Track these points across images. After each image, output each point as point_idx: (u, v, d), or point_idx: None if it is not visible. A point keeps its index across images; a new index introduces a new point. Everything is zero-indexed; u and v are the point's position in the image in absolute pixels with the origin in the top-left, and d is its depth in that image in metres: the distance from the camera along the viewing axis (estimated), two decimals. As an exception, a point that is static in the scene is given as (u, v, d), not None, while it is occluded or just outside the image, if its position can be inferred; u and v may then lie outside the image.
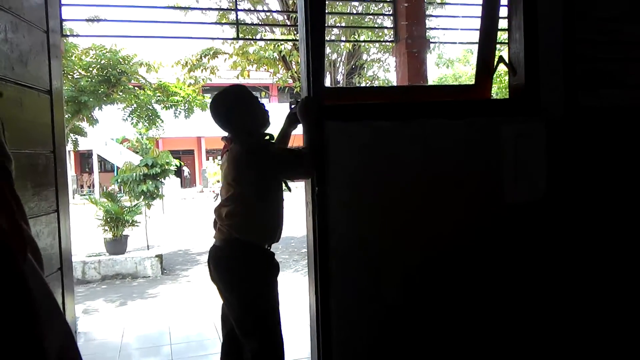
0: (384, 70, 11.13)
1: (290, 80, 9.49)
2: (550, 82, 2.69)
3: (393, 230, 2.52)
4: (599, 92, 2.74)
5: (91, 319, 5.61)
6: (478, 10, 2.98)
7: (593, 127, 2.75)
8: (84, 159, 28.45)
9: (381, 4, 7.95)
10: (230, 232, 2.34)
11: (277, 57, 8.83)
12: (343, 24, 8.67)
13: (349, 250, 2.47)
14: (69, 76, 9.08)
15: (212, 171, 24.57)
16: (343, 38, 9.15)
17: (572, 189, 2.73)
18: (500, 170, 2.64)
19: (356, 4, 8.72)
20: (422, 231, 2.55)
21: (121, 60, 9.10)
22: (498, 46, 3.14)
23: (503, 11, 2.89)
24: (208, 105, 2.55)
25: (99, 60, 9.14)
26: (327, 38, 8.42)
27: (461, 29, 3.45)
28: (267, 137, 2.50)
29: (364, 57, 10.59)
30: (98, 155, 23.68)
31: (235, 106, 2.40)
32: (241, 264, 2.35)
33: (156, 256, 7.94)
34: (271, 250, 2.47)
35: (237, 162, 2.32)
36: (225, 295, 2.41)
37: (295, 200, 4.17)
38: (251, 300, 2.34)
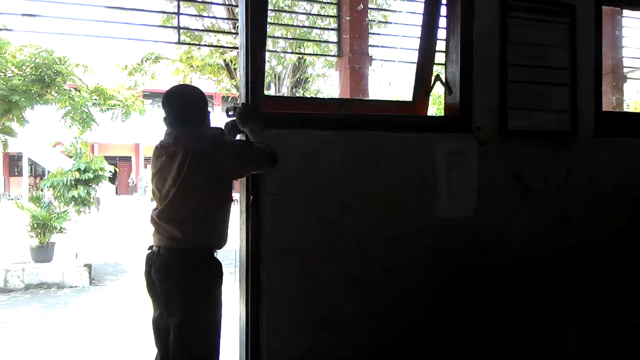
0: (329, 84, 11.27)
1: (235, 90, 9.41)
2: (483, 103, 2.78)
3: (328, 240, 2.51)
4: (527, 115, 2.85)
5: (7, 329, 5.28)
6: (418, 31, 3.05)
7: (520, 147, 2.86)
8: (13, 162, 27.03)
9: (328, 20, 8.05)
10: (183, 238, 2.22)
11: (222, 65, 8.75)
12: (290, 36, 8.71)
13: (282, 260, 2.44)
14: (0, 74, 8.63)
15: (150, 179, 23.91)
16: (289, 50, 9.19)
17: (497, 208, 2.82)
18: (433, 184, 2.69)
19: (303, 18, 8.79)
20: (357, 242, 2.56)
21: (57, 60, 8.73)
22: (437, 67, 3.22)
23: (442, 33, 2.97)
24: (166, 99, 2.38)
25: (33, 59, 8.74)
26: (272, 49, 8.43)
27: (401, 48, 3.53)
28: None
29: (310, 71, 10.68)
30: (29, 158, 22.57)
31: (203, 101, 2.37)
32: (195, 275, 2.22)
33: (85, 265, 7.59)
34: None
35: (197, 156, 2.20)
36: (171, 306, 2.27)
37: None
38: (201, 312, 2.23)
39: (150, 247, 2.36)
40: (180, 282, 2.24)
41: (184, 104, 2.33)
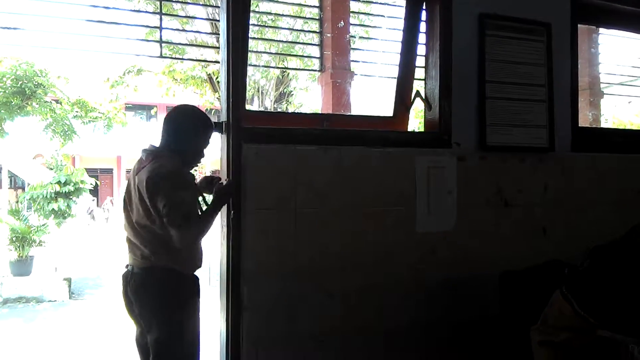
0: (313, 97, 11.31)
1: (218, 103, 9.41)
2: (462, 119, 2.82)
3: (308, 255, 2.51)
4: (506, 131, 2.90)
5: (-16, 345, 5.17)
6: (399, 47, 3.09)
7: (499, 163, 2.91)
8: (-8, 174, 26.60)
9: (311, 34, 8.10)
10: (153, 257, 2.21)
11: (205, 78, 8.75)
12: (273, 51, 8.74)
13: (263, 274, 2.43)
14: (-21, 86, 8.55)
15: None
16: (272, 64, 9.22)
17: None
18: (413, 199, 2.71)
19: (287, 32, 8.84)
20: (338, 257, 2.56)
21: (38, 72, 8.67)
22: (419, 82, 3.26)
23: (422, 49, 3.02)
24: (168, 116, 2.39)
25: (14, 71, 8.67)
26: (256, 63, 8.46)
27: (382, 64, 3.57)
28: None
29: (293, 84, 10.71)
30: (8, 170, 22.23)
31: (200, 129, 2.35)
32: (168, 292, 2.22)
33: (64, 279, 7.49)
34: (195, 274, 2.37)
35: (161, 182, 2.18)
36: (147, 323, 2.26)
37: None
38: (176, 329, 2.22)
39: (127, 265, 2.36)
40: (154, 300, 2.24)
41: (170, 124, 2.35)
